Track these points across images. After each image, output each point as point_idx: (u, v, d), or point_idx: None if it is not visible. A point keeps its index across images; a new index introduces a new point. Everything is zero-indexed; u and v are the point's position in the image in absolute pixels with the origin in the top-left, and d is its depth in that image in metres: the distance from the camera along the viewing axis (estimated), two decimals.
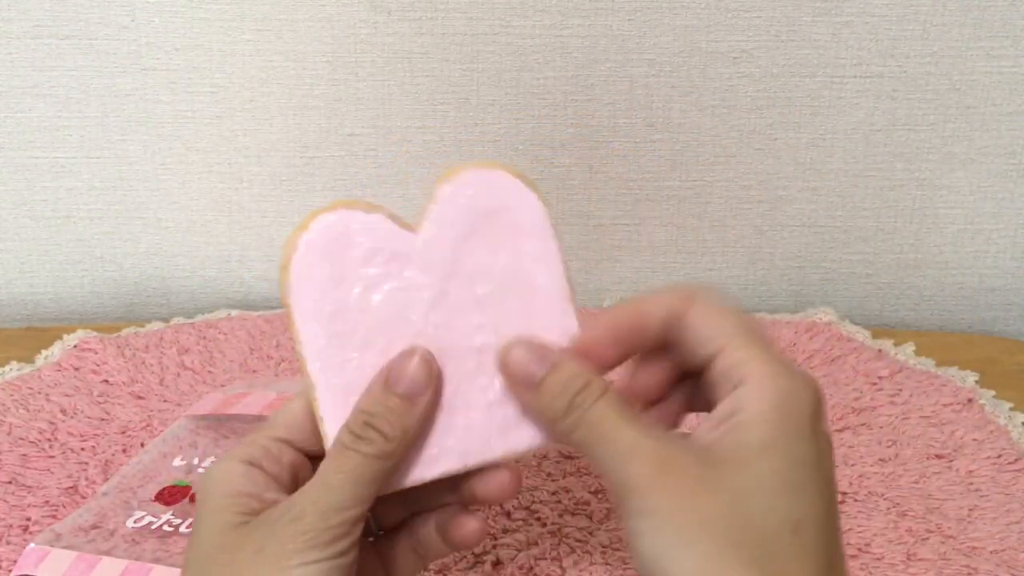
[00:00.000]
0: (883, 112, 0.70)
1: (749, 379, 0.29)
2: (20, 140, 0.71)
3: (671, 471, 0.28)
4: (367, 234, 0.32)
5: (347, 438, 0.31)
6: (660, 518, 0.27)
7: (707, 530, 0.26)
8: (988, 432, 0.55)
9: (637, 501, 0.28)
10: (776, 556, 0.26)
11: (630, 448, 0.28)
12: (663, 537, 0.27)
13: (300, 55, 0.69)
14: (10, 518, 0.48)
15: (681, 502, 0.27)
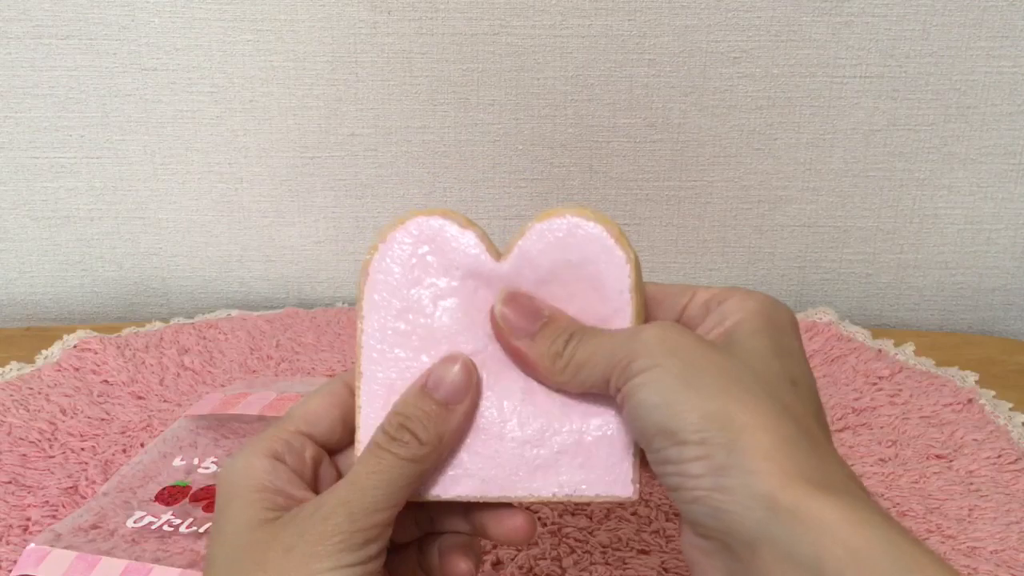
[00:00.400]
0: (883, 112, 0.70)
1: (730, 297, 0.31)
2: (20, 140, 0.71)
3: (675, 338, 0.29)
4: (455, 247, 0.32)
5: (382, 439, 0.30)
6: (665, 368, 0.28)
7: (712, 374, 0.27)
8: (988, 432, 0.55)
9: (639, 363, 0.28)
10: (781, 394, 0.28)
11: (631, 333, 0.29)
12: (669, 383, 0.27)
13: (300, 55, 0.69)
14: (10, 518, 0.48)
15: (683, 354, 0.28)
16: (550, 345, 0.31)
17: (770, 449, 0.26)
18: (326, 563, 0.28)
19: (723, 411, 0.26)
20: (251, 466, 0.30)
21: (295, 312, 0.72)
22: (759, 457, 0.25)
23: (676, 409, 0.27)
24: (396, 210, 0.73)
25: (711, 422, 0.26)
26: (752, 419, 0.26)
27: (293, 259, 0.76)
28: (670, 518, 0.47)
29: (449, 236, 0.32)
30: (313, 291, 0.77)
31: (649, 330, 0.29)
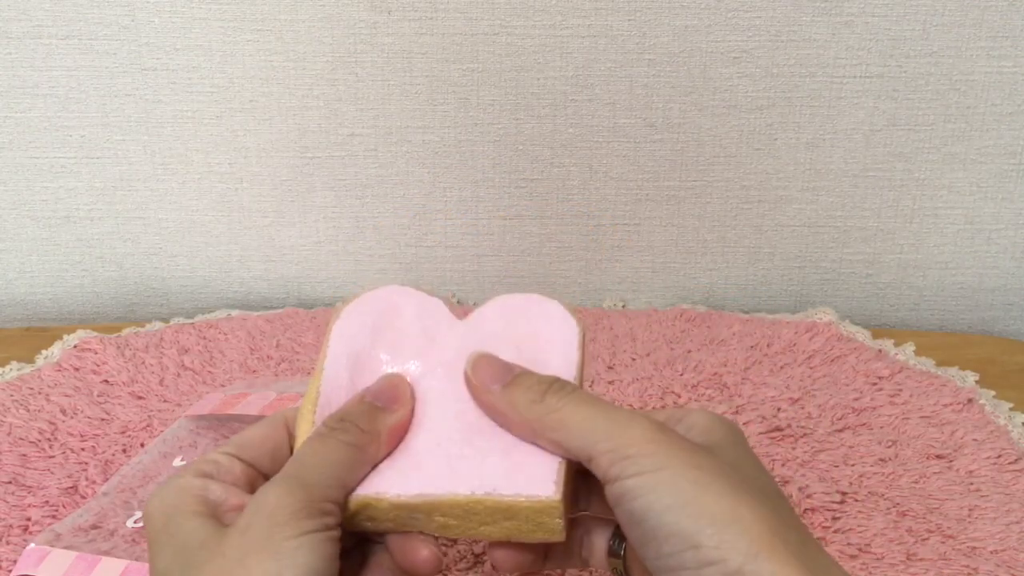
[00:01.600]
0: (883, 112, 0.70)
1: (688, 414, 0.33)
2: (20, 140, 0.71)
3: (670, 436, 0.29)
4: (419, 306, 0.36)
5: (323, 428, 0.32)
6: (675, 471, 0.28)
7: (718, 477, 0.28)
8: (988, 432, 0.55)
9: (642, 461, 0.28)
10: (775, 502, 0.29)
11: (628, 417, 0.30)
12: (682, 485, 0.28)
13: (300, 55, 0.69)
14: (10, 518, 0.48)
15: (687, 458, 0.29)
16: (524, 392, 0.31)
17: (784, 552, 0.27)
18: (288, 531, 0.28)
19: (737, 515, 0.27)
20: (184, 486, 0.31)
21: (295, 312, 0.72)
22: (776, 560, 0.26)
23: (691, 512, 0.27)
24: (396, 210, 0.74)
25: (728, 526, 0.27)
26: (764, 523, 0.27)
27: (293, 259, 0.76)
28: None
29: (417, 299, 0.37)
30: (313, 291, 0.77)
31: (643, 422, 0.30)
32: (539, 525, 0.31)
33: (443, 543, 0.46)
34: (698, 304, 0.74)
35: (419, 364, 0.35)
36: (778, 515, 0.28)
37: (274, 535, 0.28)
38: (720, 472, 0.28)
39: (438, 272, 0.76)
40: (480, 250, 0.75)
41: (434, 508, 0.31)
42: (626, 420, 0.30)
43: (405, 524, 0.32)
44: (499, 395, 0.32)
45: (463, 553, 0.45)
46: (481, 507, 0.31)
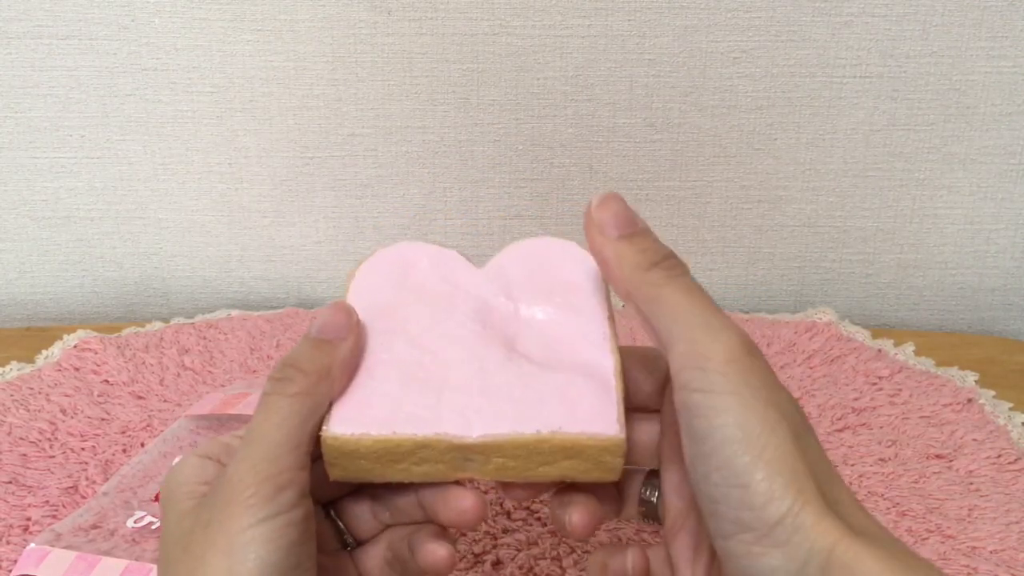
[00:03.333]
0: (883, 112, 0.70)
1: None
2: (20, 140, 0.71)
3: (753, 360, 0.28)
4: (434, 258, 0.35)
5: (268, 386, 0.30)
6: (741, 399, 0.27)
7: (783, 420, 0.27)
8: (988, 432, 0.55)
9: (715, 379, 0.27)
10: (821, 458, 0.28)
11: (719, 325, 0.29)
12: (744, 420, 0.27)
13: (300, 55, 0.69)
14: (10, 518, 0.48)
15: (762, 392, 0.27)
16: (636, 253, 0.30)
17: (826, 507, 0.26)
18: (242, 521, 0.27)
19: (790, 466, 0.26)
20: (182, 466, 0.31)
21: (295, 312, 0.72)
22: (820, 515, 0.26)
23: (751, 453, 0.27)
24: (396, 210, 0.74)
25: (780, 476, 0.26)
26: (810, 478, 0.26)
27: (293, 259, 0.76)
28: None
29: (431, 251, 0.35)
30: (313, 291, 0.77)
31: (732, 337, 0.28)
32: (599, 464, 0.31)
33: None
34: None
35: (446, 310, 0.34)
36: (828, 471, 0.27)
37: (229, 528, 0.27)
38: (782, 412, 0.27)
39: None
40: (480, 250, 0.75)
41: (496, 449, 0.30)
42: (717, 328, 0.28)
43: (457, 468, 0.31)
44: (612, 243, 0.30)
45: (463, 553, 0.45)
46: (546, 446, 0.30)
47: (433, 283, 0.34)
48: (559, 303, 0.33)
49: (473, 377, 0.32)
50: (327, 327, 0.31)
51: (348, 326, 0.32)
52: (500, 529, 0.47)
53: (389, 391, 0.31)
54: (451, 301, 0.34)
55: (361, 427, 0.30)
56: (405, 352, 0.32)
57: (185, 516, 0.29)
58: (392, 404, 0.31)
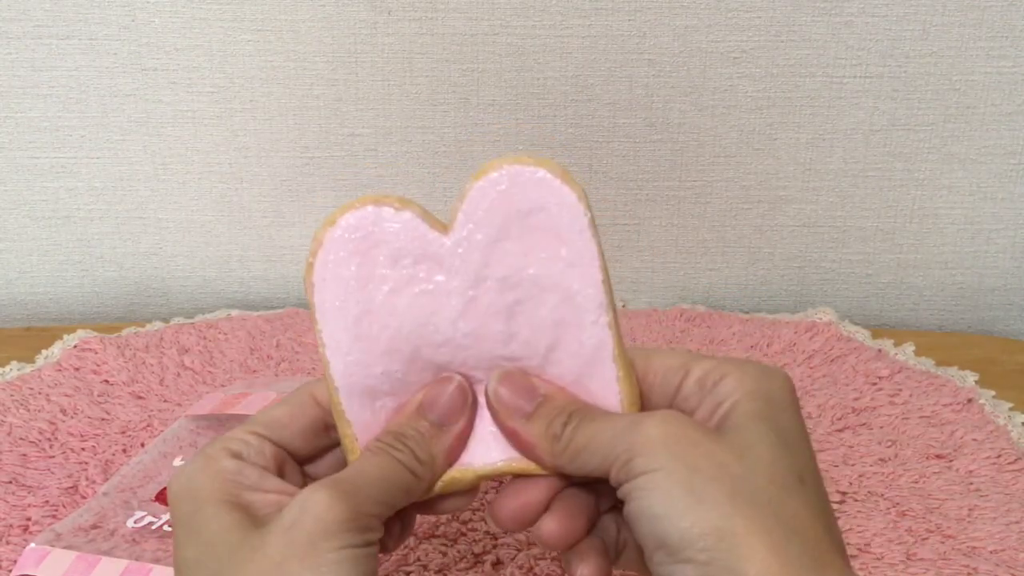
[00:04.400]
0: (883, 112, 0.70)
1: (726, 375, 0.30)
2: (20, 140, 0.71)
3: (676, 433, 0.27)
4: (395, 233, 0.30)
5: (378, 445, 0.30)
6: (668, 473, 0.26)
7: (717, 481, 0.26)
8: (988, 432, 0.55)
9: (641, 462, 0.27)
10: (786, 503, 0.26)
11: (631, 421, 0.28)
12: (673, 492, 0.26)
13: (300, 55, 0.69)
14: (10, 518, 0.48)
15: (687, 458, 0.27)
16: (547, 427, 0.30)
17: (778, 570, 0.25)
18: (334, 541, 0.27)
19: (729, 528, 0.25)
20: (217, 469, 0.29)
21: (295, 312, 0.72)
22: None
23: (680, 523, 0.26)
24: None
25: (717, 540, 0.25)
26: (758, 538, 0.25)
27: (293, 259, 0.76)
28: None
29: (387, 225, 0.30)
30: None
31: (651, 424, 0.28)
32: None
33: (444, 543, 0.46)
34: (698, 304, 0.74)
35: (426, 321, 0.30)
36: (783, 525, 0.26)
37: (318, 543, 0.27)
38: (720, 473, 0.26)
39: None
40: None
41: (520, 471, 0.30)
42: (630, 424, 0.28)
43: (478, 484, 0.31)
44: (522, 428, 0.30)
45: (463, 553, 0.45)
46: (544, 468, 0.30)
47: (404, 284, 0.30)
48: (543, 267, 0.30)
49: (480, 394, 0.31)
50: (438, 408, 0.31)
51: (463, 409, 0.31)
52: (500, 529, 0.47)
53: None
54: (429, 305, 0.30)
55: None
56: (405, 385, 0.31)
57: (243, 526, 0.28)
58: None
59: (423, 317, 0.30)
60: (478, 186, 0.30)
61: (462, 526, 0.47)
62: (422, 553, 0.45)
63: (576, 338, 0.30)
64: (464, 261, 0.30)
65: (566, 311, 0.30)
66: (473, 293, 0.30)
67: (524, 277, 0.30)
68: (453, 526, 0.47)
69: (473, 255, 0.30)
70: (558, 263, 0.30)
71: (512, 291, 0.30)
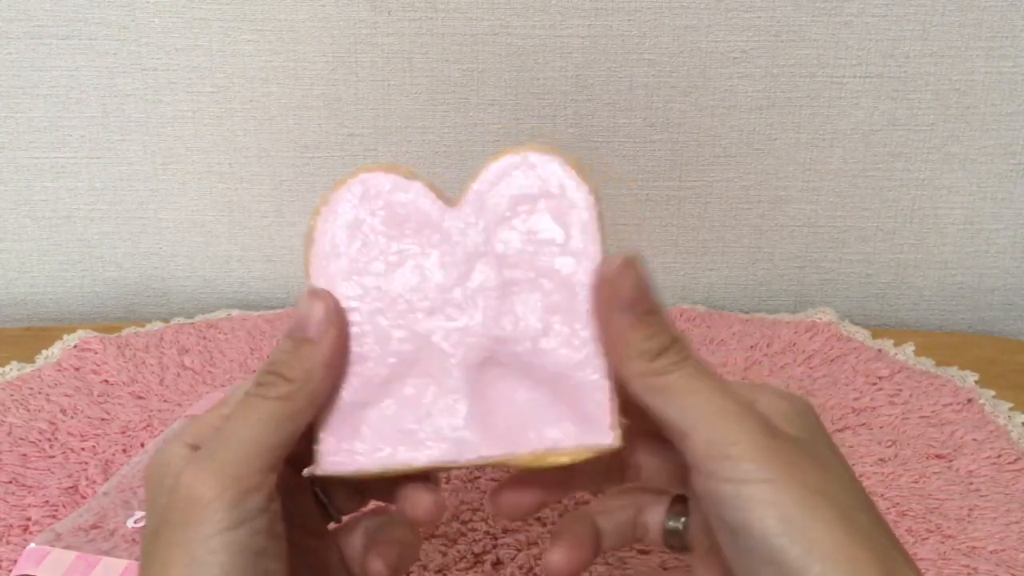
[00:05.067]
0: (883, 112, 0.70)
1: (760, 396, 0.29)
2: (20, 140, 0.71)
3: (780, 442, 0.26)
4: (402, 199, 0.31)
5: (251, 387, 0.28)
6: (777, 487, 0.25)
7: (827, 501, 0.25)
8: (988, 432, 0.55)
9: (746, 468, 0.26)
10: (879, 533, 0.26)
11: (737, 411, 0.27)
12: (785, 511, 0.25)
13: (300, 55, 0.69)
14: (10, 518, 0.48)
15: (796, 473, 0.26)
16: (643, 340, 0.28)
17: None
18: (204, 529, 0.25)
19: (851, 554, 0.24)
20: (167, 454, 0.28)
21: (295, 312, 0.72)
22: None
23: (798, 545, 0.25)
24: None
25: (838, 566, 0.24)
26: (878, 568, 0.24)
27: (293, 259, 0.76)
28: None
29: (395, 189, 0.31)
30: None
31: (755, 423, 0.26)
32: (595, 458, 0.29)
33: (444, 543, 0.46)
34: (698, 304, 0.74)
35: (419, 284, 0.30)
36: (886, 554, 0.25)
37: (191, 538, 0.25)
38: (829, 493, 0.25)
39: None
40: None
41: (490, 465, 0.29)
42: (736, 413, 0.27)
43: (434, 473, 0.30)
44: (618, 321, 0.28)
45: (463, 553, 0.45)
46: (540, 463, 0.29)
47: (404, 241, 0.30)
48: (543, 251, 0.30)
49: (459, 388, 0.30)
50: (304, 324, 0.29)
51: (327, 321, 0.29)
52: (500, 529, 0.47)
53: (374, 415, 0.29)
54: (425, 273, 0.30)
55: (352, 465, 0.29)
56: (384, 352, 0.30)
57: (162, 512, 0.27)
58: (380, 432, 0.29)
59: (414, 282, 0.30)
60: (493, 166, 0.30)
61: (462, 526, 0.47)
62: (422, 553, 0.45)
63: (570, 327, 0.30)
64: (465, 234, 0.30)
65: (561, 298, 0.30)
66: (468, 266, 0.30)
67: (523, 258, 0.30)
68: (453, 526, 0.47)
69: (476, 228, 0.30)
70: (559, 250, 0.30)
71: (509, 270, 0.30)
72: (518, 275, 0.30)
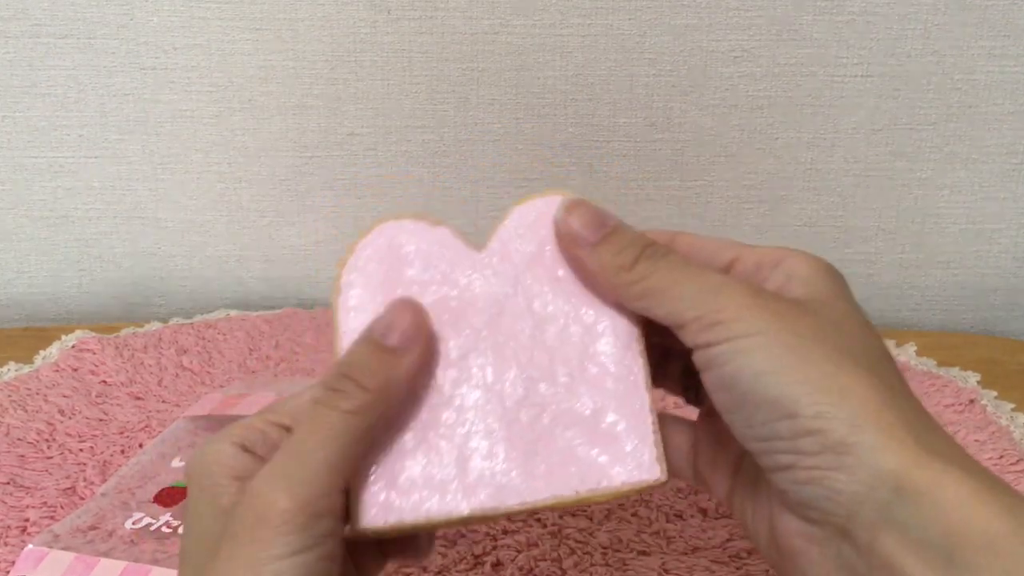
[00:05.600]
0: (884, 111, 0.70)
1: (786, 258, 0.29)
2: (18, 140, 0.71)
3: (765, 299, 0.27)
4: (429, 244, 0.31)
5: (321, 394, 0.27)
6: (770, 336, 0.26)
7: (818, 342, 0.26)
8: (990, 433, 0.55)
9: (734, 326, 0.26)
10: (887, 370, 0.26)
11: (719, 283, 0.27)
12: (776, 351, 0.25)
13: (299, 54, 0.69)
14: (8, 519, 0.48)
15: (785, 322, 0.26)
16: (615, 256, 0.29)
17: (893, 423, 0.24)
18: (272, 550, 0.24)
19: (839, 383, 0.25)
20: (218, 453, 0.28)
21: (294, 312, 0.72)
22: (884, 432, 0.24)
23: (787, 379, 0.25)
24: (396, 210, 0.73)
25: (828, 395, 0.24)
26: (869, 392, 0.24)
27: (292, 259, 0.75)
28: (671, 519, 0.47)
29: (422, 236, 0.31)
30: (312, 291, 0.77)
31: (736, 287, 0.27)
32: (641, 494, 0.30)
33: (444, 544, 0.45)
34: None
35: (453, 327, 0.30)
36: (887, 384, 0.25)
37: (257, 557, 0.24)
38: (821, 336, 0.26)
39: None
40: None
41: (533, 511, 0.29)
42: (718, 284, 0.27)
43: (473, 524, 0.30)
44: (590, 253, 0.29)
45: (463, 554, 0.45)
46: (585, 501, 0.29)
47: (433, 287, 0.31)
48: (576, 291, 0.31)
49: (496, 430, 0.29)
50: (394, 332, 0.28)
51: (418, 333, 0.28)
52: (500, 530, 0.47)
53: (410, 462, 0.29)
54: (457, 315, 0.30)
55: (394, 515, 0.28)
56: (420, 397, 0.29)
57: (220, 515, 0.26)
58: (418, 481, 0.28)
59: (446, 328, 0.30)
60: (519, 208, 0.31)
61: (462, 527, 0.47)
62: None
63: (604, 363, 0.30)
64: (494, 278, 0.31)
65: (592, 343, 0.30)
66: (498, 308, 0.31)
67: (553, 301, 0.31)
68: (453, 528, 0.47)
69: (504, 272, 0.31)
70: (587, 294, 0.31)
71: (540, 310, 0.31)
72: (549, 315, 0.30)
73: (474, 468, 0.29)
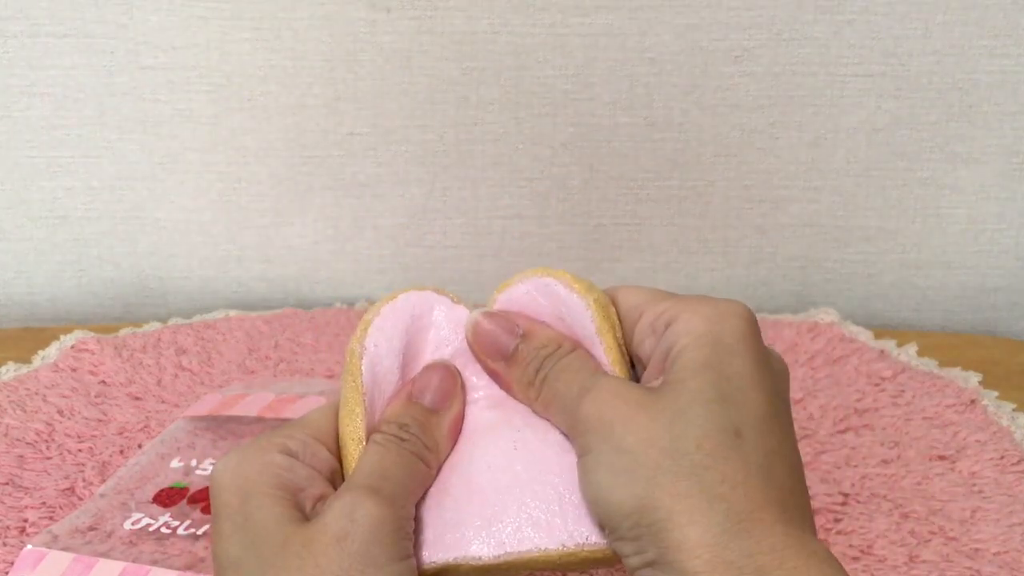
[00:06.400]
0: (885, 111, 0.70)
1: (677, 318, 0.29)
2: (17, 140, 0.70)
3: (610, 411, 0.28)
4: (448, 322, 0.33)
5: (385, 438, 0.29)
6: (596, 456, 0.27)
7: (642, 458, 0.26)
8: (991, 433, 0.55)
9: (581, 442, 0.28)
10: (714, 468, 0.26)
11: (580, 394, 0.29)
12: (602, 475, 0.27)
13: (299, 54, 0.68)
14: (7, 519, 0.48)
15: (614, 438, 0.27)
16: (523, 372, 0.30)
17: (698, 543, 0.25)
18: (391, 551, 0.26)
19: (652, 503, 0.26)
20: (267, 461, 0.28)
21: (294, 312, 0.72)
22: (687, 554, 0.25)
23: (610, 503, 0.26)
24: (395, 210, 0.73)
25: (641, 516, 0.26)
26: (682, 508, 0.25)
27: (292, 259, 0.75)
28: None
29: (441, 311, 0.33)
30: (312, 291, 0.76)
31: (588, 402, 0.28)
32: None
33: None
34: None
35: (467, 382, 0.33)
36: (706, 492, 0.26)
37: (377, 555, 0.26)
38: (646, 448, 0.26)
39: (437, 272, 0.75)
40: (480, 250, 0.75)
41: (521, 566, 0.29)
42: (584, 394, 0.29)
43: None
44: (504, 372, 0.31)
45: None
46: (575, 559, 0.29)
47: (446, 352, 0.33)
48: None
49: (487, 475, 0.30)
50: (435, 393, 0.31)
51: (454, 392, 0.31)
52: None
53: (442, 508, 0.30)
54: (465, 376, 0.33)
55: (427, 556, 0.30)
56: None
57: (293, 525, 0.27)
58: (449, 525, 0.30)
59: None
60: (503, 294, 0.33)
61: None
62: None
63: None
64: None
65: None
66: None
67: None
68: None
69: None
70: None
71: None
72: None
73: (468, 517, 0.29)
